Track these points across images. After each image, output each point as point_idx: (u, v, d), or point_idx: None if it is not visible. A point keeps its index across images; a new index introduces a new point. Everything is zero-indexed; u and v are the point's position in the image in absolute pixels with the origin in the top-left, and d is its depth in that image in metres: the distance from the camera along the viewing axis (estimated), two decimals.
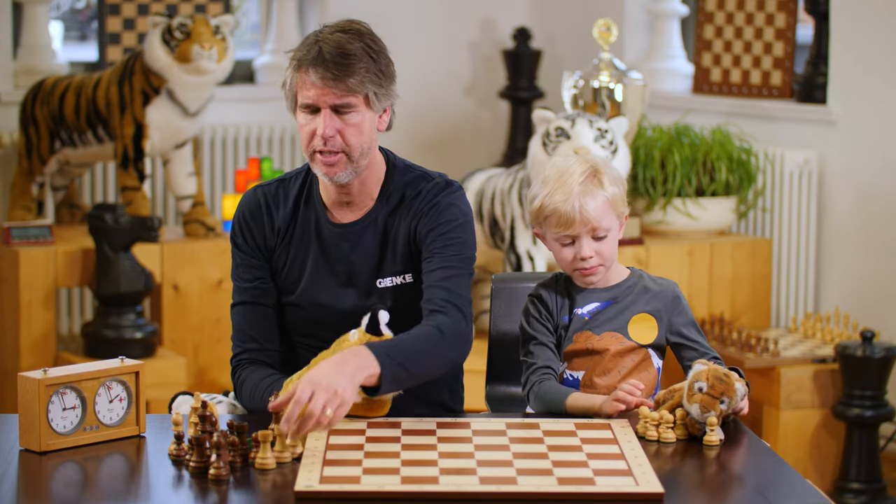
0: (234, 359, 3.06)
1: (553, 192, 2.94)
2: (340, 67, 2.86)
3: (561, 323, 3.02)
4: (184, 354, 5.37)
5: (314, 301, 3.01)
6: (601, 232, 2.95)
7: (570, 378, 3.01)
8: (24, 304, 5.24)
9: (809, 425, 5.03)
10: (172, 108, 5.40)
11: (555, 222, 2.94)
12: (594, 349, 2.99)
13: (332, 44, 2.87)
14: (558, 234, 2.96)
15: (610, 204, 2.95)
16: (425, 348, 2.84)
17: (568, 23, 6.84)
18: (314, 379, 2.64)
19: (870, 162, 5.58)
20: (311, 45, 2.89)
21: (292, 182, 3.05)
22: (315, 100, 2.88)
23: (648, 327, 3.02)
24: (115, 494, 2.51)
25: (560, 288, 3.04)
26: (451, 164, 6.48)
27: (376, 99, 2.92)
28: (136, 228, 5.14)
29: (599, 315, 3.01)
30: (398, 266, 2.99)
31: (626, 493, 2.44)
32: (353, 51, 2.88)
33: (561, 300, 3.03)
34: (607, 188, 2.95)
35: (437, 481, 2.47)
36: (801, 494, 2.49)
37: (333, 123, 2.88)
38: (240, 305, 3.06)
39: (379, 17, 6.81)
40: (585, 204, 2.92)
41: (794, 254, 5.81)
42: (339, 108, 2.88)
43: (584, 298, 3.02)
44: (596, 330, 3.00)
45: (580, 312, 3.01)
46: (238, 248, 3.05)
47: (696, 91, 6.31)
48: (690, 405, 2.75)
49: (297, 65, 2.89)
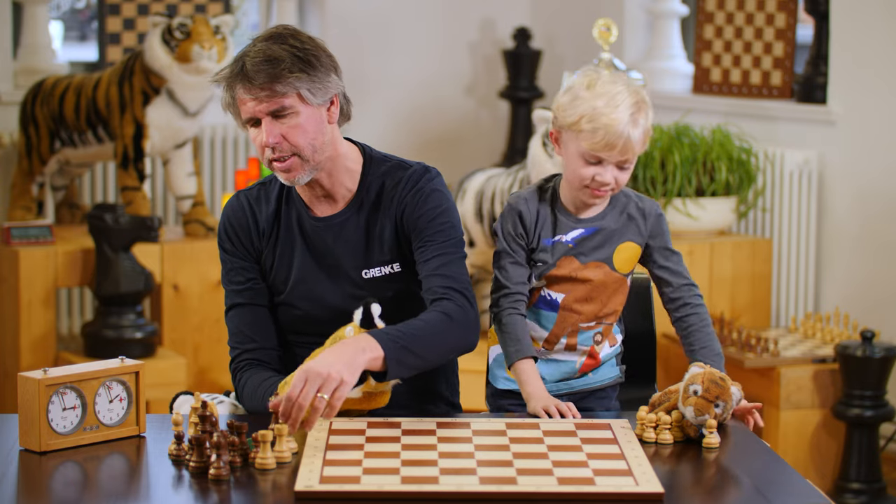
0: (234, 362, 3.06)
1: (600, 112, 2.91)
2: (263, 75, 2.88)
3: (541, 245, 3.02)
4: (184, 354, 5.37)
5: (304, 297, 3.02)
6: (628, 164, 2.96)
7: (549, 297, 3.02)
8: (24, 304, 5.24)
9: (809, 425, 5.03)
10: (172, 108, 5.40)
11: (592, 140, 2.92)
12: (578, 278, 3.01)
13: (255, 55, 2.90)
14: (589, 152, 2.93)
15: (645, 136, 2.95)
16: (432, 332, 2.84)
17: (568, 23, 6.84)
18: (306, 367, 2.66)
19: (870, 162, 5.58)
20: (235, 62, 2.93)
21: (272, 184, 3.09)
22: (252, 112, 2.91)
23: (631, 256, 3.06)
24: (115, 494, 2.51)
25: (543, 206, 3.03)
26: (451, 164, 6.48)
27: (311, 94, 2.92)
28: (136, 228, 5.14)
29: (585, 242, 3.02)
30: (385, 256, 3.01)
31: (626, 493, 2.44)
32: (274, 54, 2.89)
33: (542, 220, 3.02)
34: (649, 119, 2.96)
35: (437, 481, 2.47)
36: (801, 494, 2.49)
37: (275, 129, 2.91)
38: (235, 308, 3.07)
39: (379, 17, 6.83)
40: (632, 135, 2.91)
41: (794, 254, 5.81)
42: (276, 113, 2.90)
43: (568, 224, 3.02)
44: (582, 258, 3.02)
45: (564, 240, 3.01)
46: (227, 253, 3.07)
47: (696, 91, 6.31)
48: (685, 408, 2.75)
49: (228, 84, 2.93)
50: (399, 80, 6.68)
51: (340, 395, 2.65)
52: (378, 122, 6.47)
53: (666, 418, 2.76)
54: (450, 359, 2.94)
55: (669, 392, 2.83)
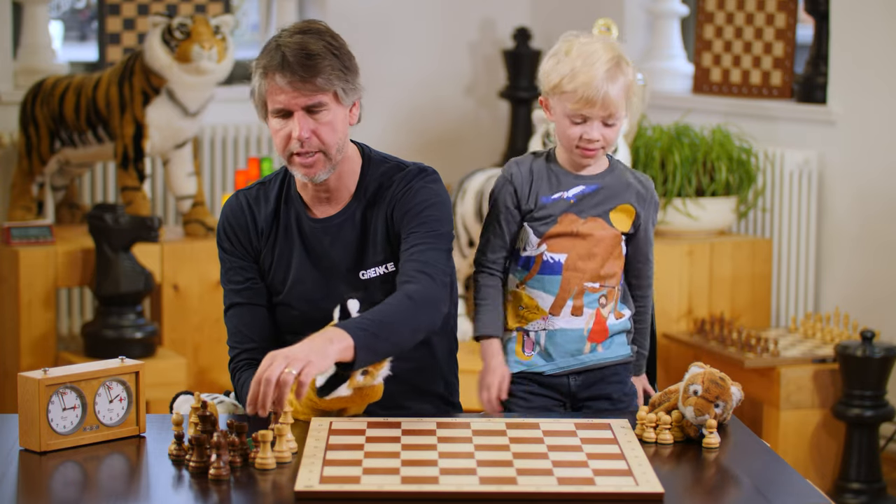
0: (232, 362, 3.06)
1: (578, 72, 3.02)
2: (306, 69, 2.88)
3: (539, 204, 3.10)
4: (184, 354, 5.37)
5: (302, 297, 3.02)
6: (613, 119, 3.05)
7: (552, 261, 3.09)
8: (24, 304, 5.24)
9: (809, 425, 5.03)
10: (172, 108, 5.40)
11: (573, 100, 3.02)
12: (579, 233, 3.09)
13: (295, 46, 2.89)
14: (573, 112, 3.04)
15: (626, 91, 3.05)
16: (396, 315, 2.83)
17: (568, 23, 6.80)
18: (271, 353, 2.68)
19: (870, 162, 5.58)
20: (273, 50, 2.91)
21: (272, 184, 3.09)
22: (286, 104, 2.90)
23: (626, 217, 3.13)
24: (115, 494, 2.51)
25: (538, 164, 3.13)
26: (451, 164, 6.48)
27: (344, 94, 2.95)
28: (136, 228, 5.14)
29: (585, 199, 3.10)
30: (379, 256, 3.01)
31: (626, 493, 2.44)
32: (317, 50, 2.90)
33: (538, 178, 3.11)
34: (628, 75, 3.06)
35: (437, 481, 2.47)
36: (801, 494, 2.49)
37: (307, 124, 2.91)
38: (233, 308, 3.07)
39: (379, 17, 6.83)
40: (609, 90, 3.01)
41: (794, 254, 5.81)
42: (310, 108, 2.91)
43: (568, 180, 3.11)
44: (581, 214, 3.10)
45: (566, 196, 3.10)
46: (225, 252, 3.07)
47: (696, 91, 6.31)
48: (685, 408, 2.75)
49: (264, 72, 2.91)
50: (399, 80, 6.68)
51: (308, 372, 2.64)
52: (378, 121, 6.46)
53: (666, 418, 2.76)
54: (416, 339, 2.91)
55: (669, 392, 2.84)
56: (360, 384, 2.78)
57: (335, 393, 2.77)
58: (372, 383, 2.81)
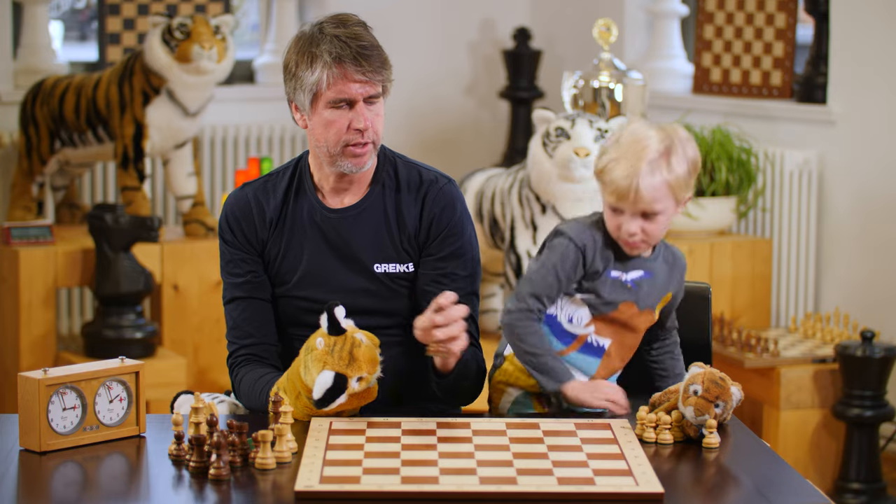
0: (231, 357, 3.06)
1: (619, 160, 2.86)
2: (372, 60, 2.91)
3: (602, 277, 2.94)
4: (184, 354, 5.37)
5: (317, 285, 3.01)
6: (652, 213, 2.88)
7: (596, 344, 2.97)
8: (24, 304, 5.24)
9: (809, 425, 5.03)
10: (172, 108, 5.40)
11: (608, 191, 2.88)
12: (630, 326, 2.98)
13: (354, 37, 2.92)
14: (609, 203, 2.90)
15: (670, 187, 2.86)
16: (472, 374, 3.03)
17: (568, 23, 6.84)
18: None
19: (870, 162, 5.58)
20: (332, 40, 2.90)
21: (280, 176, 3.08)
22: (353, 93, 2.91)
23: (663, 303, 3.03)
24: (115, 494, 2.51)
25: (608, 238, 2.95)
26: (451, 164, 6.48)
27: (390, 87, 3.00)
28: (136, 228, 5.13)
29: (642, 286, 2.96)
30: (402, 255, 3.02)
31: (626, 493, 2.44)
32: (374, 42, 2.95)
33: (605, 253, 2.94)
34: (674, 169, 2.85)
35: (437, 481, 2.47)
36: (801, 494, 2.49)
37: (368, 115, 2.94)
38: (233, 301, 3.06)
39: (379, 16, 6.81)
40: (643, 185, 2.83)
41: (794, 254, 5.81)
42: (369, 99, 2.94)
43: (630, 262, 2.96)
44: (639, 304, 2.96)
45: (625, 279, 2.95)
46: (227, 244, 3.06)
47: (696, 91, 6.31)
48: (685, 408, 2.75)
49: (333, 61, 2.89)
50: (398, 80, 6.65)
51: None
52: None
53: (666, 418, 2.76)
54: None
55: (669, 392, 2.84)
56: (355, 390, 2.78)
57: (333, 405, 2.76)
58: (367, 386, 2.81)
